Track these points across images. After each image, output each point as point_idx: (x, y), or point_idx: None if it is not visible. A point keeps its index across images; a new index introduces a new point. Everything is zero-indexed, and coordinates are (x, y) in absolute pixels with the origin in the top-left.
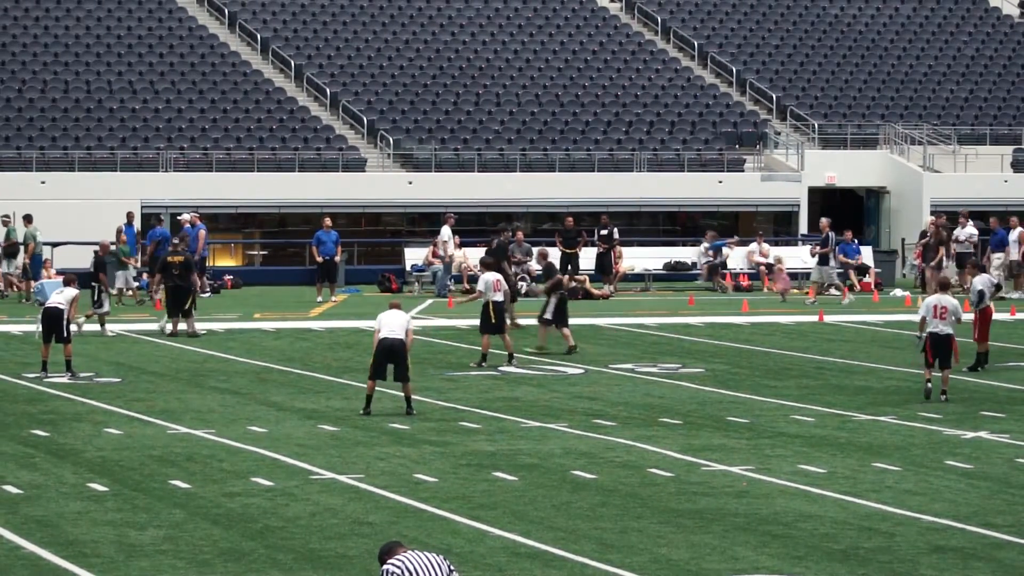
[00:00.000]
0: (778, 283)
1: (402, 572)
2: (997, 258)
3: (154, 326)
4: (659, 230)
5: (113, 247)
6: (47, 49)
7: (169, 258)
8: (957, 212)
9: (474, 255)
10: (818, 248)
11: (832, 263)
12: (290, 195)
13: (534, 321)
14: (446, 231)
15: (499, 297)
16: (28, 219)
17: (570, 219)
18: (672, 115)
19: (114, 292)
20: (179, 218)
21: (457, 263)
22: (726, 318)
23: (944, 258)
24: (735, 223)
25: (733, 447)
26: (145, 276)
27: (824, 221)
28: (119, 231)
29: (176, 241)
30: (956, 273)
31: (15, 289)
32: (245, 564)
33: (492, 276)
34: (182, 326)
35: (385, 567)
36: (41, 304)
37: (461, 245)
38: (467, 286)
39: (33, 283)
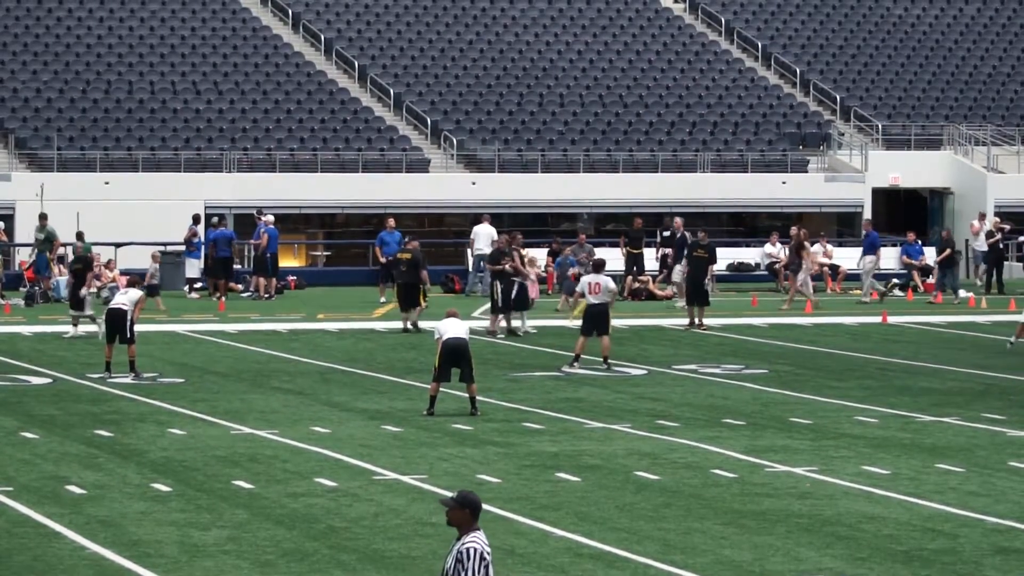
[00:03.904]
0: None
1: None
2: None
3: (218, 327)
4: (722, 231)
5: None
6: (111, 50)
7: (398, 255)
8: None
9: (539, 256)
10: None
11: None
12: (353, 196)
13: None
14: (478, 229)
15: (595, 299)
16: (44, 218)
17: (639, 220)
18: (736, 116)
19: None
20: (264, 219)
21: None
22: (789, 319)
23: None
24: (798, 224)
25: (796, 448)
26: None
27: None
28: (194, 234)
29: (407, 240)
30: None
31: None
32: (308, 564)
33: (591, 278)
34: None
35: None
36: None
37: (525, 246)
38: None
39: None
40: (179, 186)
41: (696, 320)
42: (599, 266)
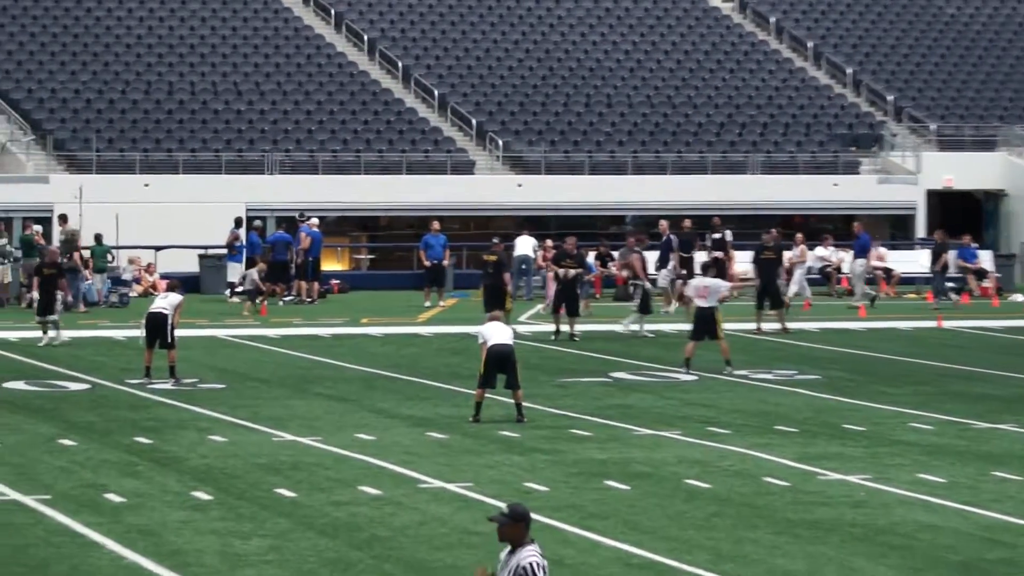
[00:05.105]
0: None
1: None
2: None
3: (259, 331)
4: None
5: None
6: (151, 50)
7: (484, 256)
8: None
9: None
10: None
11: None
12: (397, 198)
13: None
14: (519, 241)
15: (703, 302)
16: (64, 219)
17: (687, 221)
18: (786, 116)
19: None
20: (308, 222)
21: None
22: (843, 323)
23: None
24: (849, 227)
25: (850, 455)
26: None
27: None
28: (236, 237)
29: (496, 240)
30: None
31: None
32: (352, 574)
33: (699, 281)
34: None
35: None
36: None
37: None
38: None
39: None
40: (220, 188)
41: (759, 325)
42: (707, 268)
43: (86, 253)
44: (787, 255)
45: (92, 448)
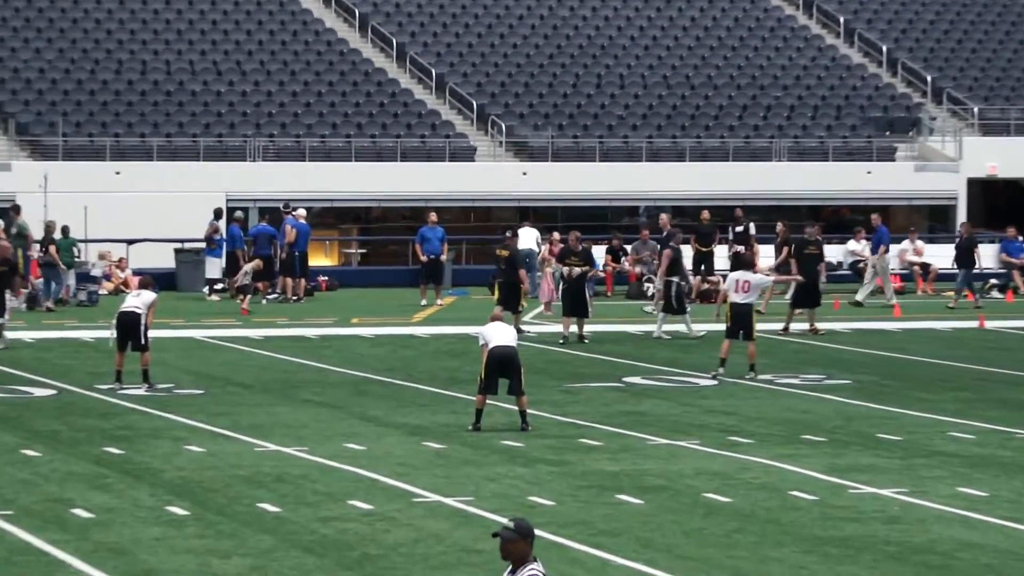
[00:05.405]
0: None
1: None
2: None
3: (240, 332)
4: (799, 226)
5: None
6: (123, 26)
7: (497, 251)
8: None
9: (597, 253)
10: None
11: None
12: (391, 188)
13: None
14: (521, 232)
15: (741, 298)
16: (17, 210)
17: (706, 213)
18: (815, 98)
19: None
20: (295, 213)
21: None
22: (876, 324)
23: None
24: (884, 218)
25: (884, 467)
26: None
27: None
28: (215, 230)
29: (509, 234)
30: None
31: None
32: None
33: (739, 275)
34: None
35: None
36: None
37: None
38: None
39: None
40: (198, 177)
41: (811, 325)
42: (748, 263)
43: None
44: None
45: (58, 459)
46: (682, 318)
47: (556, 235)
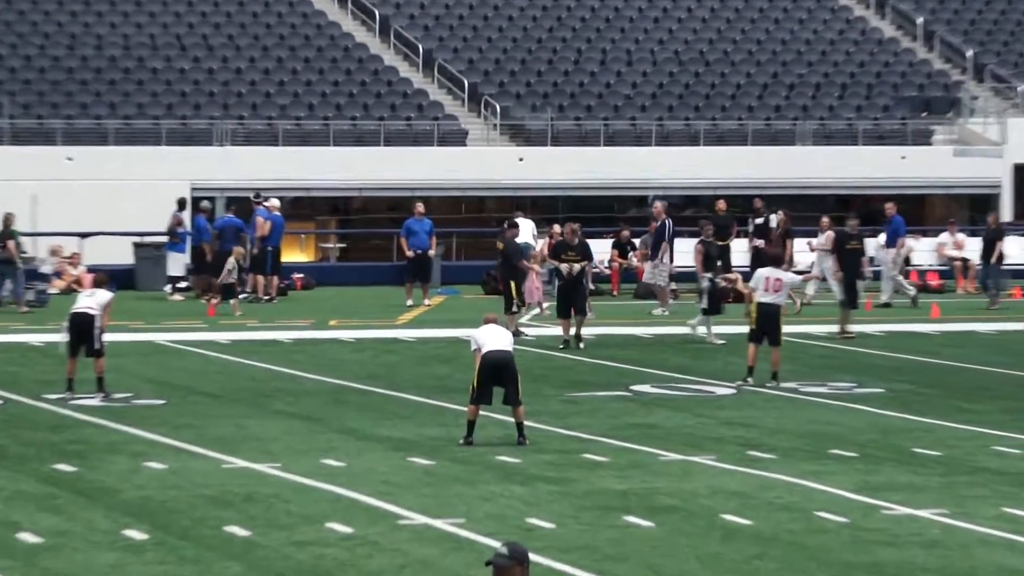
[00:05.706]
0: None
1: None
2: None
3: (206, 336)
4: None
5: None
6: None
7: (497, 244)
8: None
9: (602, 248)
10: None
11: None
12: (374, 175)
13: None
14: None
15: (771, 298)
16: None
17: (721, 203)
18: (843, 76)
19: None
20: (267, 203)
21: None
22: (911, 326)
23: None
24: (920, 208)
25: (921, 486)
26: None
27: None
28: (179, 222)
29: (507, 225)
30: None
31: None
32: None
33: (768, 272)
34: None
35: None
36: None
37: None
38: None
39: None
40: (159, 163)
41: (842, 327)
42: (776, 258)
43: None
44: (813, 242)
45: (3, 477)
46: (703, 319)
47: (556, 228)
